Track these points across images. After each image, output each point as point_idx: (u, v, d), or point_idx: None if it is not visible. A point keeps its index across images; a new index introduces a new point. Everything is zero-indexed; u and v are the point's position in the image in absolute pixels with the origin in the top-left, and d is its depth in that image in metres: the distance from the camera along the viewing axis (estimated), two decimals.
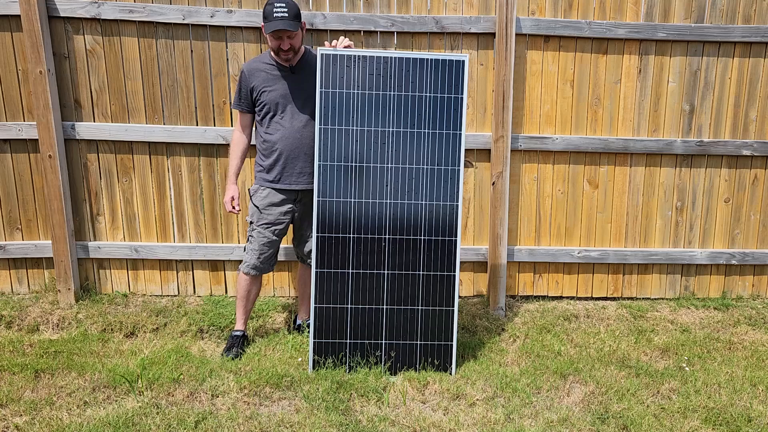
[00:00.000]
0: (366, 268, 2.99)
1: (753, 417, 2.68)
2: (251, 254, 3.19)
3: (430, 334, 3.03)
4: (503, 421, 2.62)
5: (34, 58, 3.45)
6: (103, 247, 3.79)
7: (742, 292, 4.06)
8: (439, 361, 3.04)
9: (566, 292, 4.01)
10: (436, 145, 2.97)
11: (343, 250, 2.98)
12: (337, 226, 2.97)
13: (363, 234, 2.98)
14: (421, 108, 2.95)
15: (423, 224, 2.99)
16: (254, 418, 2.60)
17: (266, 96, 3.07)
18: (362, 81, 2.93)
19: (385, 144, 2.95)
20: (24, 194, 3.75)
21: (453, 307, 3.04)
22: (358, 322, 3.01)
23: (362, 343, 3.01)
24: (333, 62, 2.91)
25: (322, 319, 2.99)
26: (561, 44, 3.70)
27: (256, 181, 3.21)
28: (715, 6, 3.68)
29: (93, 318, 3.54)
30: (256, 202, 3.17)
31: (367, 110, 2.94)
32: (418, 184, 2.98)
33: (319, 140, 2.93)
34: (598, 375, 3.02)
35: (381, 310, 3.01)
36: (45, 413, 2.60)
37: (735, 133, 3.84)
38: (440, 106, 2.96)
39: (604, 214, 3.92)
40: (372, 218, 2.97)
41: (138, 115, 3.68)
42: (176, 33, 3.60)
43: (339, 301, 2.99)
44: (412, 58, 2.93)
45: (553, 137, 3.76)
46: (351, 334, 3.01)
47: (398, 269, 3.00)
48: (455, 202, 3.00)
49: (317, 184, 2.95)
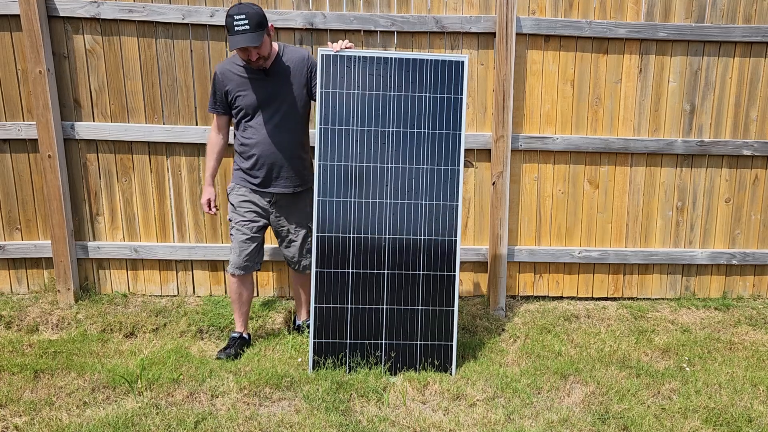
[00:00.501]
0: (366, 268, 2.99)
1: (754, 417, 2.68)
2: (233, 253, 3.19)
3: (430, 335, 3.03)
4: (503, 422, 2.62)
5: (33, 57, 3.45)
6: (103, 247, 3.78)
7: (742, 293, 4.05)
8: (439, 362, 3.04)
9: (567, 293, 4.00)
10: (436, 146, 2.97)
11: (343, 250, 2.98)
12: (337, 226, 2.96)
13: (363, 234, 2.97)
14: (421, 108, 2.95)
15: (423, 224, 2.99)
16: (254, 418, 2.60)
17: (241, 100, 3.03)
18: (362, 81, 2.92)
19: (385, 144, 2.95)
20: (23, 194, 3.74)
21: (453, 307, 3.03)
22: (358, 322, 3.00)
23: (362, 343, 3.01)
24: (333, 63, 2.91)
25: (322, 319, 2.99)
26: (561, 44, 3.69)
27: (233, 179, 3.21)
28: (715, 6, 3.67)
29: (92, 318, 3.54)
30: (233, 200, 3.18)
31: (367, 111, 2.94)
32: (418, 184, 2.98)
33: (319, 140, 2.93)
34: (599, 375, 3.02)
35: (381, 310, 3.01)
36: (44, 413, 2.59)
37: (736, 133, 3.83)
38: (440, 106, 2.96)
39: (604, 214, 3.91)
40: (372, 218, 2.97)
41: (137, 114, 3.68)
42: (176, 33, 3.59)
43: (339, 301, 2.99)
44: (412, 59, 2.93)
45: (553, 137, 3.76)
46: (351, 334, 3.01)
47: (398, 269, 3.00)
48: (455, 202, 3.00)
49: (317, 183, 2.95)
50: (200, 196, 3.78)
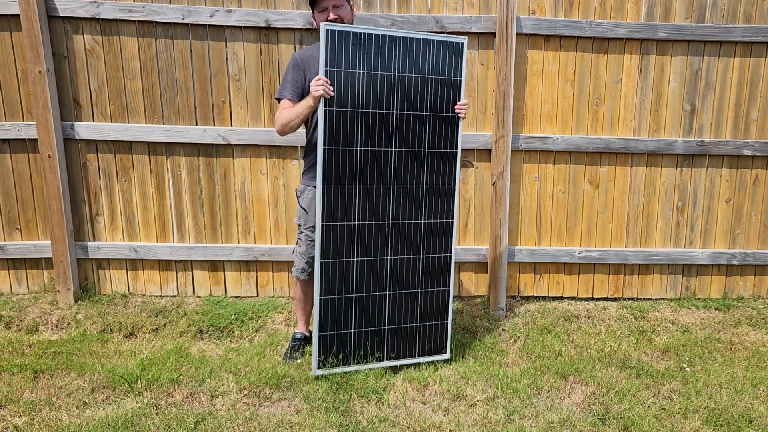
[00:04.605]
0: (370, 256, 2.97)
1: (754, 418, 2.68)
2: (300, 258, 3.11)
3: (429, 315, 3.10)
4: (504, 422, 2.61)
5: (33, 57, 3.45)
6: (103, 248, 3.78)
7: (743, 293, 4.05)
8: (435, 344, 3.12)
9: (567, 293, 4.00)
10: (436, 131, 2.96)
11: (348, 238, 2.91)
12: (342, 213, 2.88)
13: (368, 221, 2.95)
14: (423, 90, 2.92)
15: (424, 206, 3.00)
16: (254, 418, 2.59)
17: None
18: (367, 60, 2.83)
19: (390, 127, 2.90)
20: (23, 194, 3.74)
21: (449, 287, 3.10)
22: (362, 310, 2.99)
23: (366, 332, 3.01)
24: (339, 39, 2.77)
25: (327, 311, 2.92)
26: (562, 44, 3.69)
27: (303, 182, 3.08)
28: (716, 6, 3.67)
29: (92, 318, 3.53)
30: (304, 204, 3.06)
31: (372, 91, 2.85)
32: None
33: (323, 124, 2.78)
34: (599, 375, 3.01)
35: (384, 296, 3.02)
36: (44, 414, 2.59)
37: (736, 133, 3.83)
38: (441, 88, 2.94)
39: (604, 214, 3.91)
40: (377, 204, 2.94)
41: (137, 114, 3.68)
42: (176, 33, 3.59)
43: (344, 290, 2.96)
44: (416, 38, 2.87)
45: (553, 137, 3.75)
46: (355, 323, 2.99)
47: (400, 254, 3.01)
48: (452, 185, 3.03)
49: (321, 170, 2.81)
50: (200, 196, 3.79)
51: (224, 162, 3.74)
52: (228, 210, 3.81)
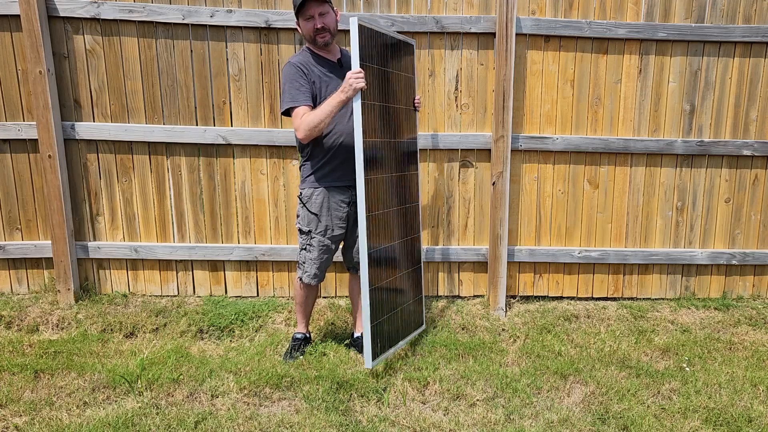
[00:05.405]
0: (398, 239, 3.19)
1: (753, 417, 2.68)
2: (311, 264, 3.06)
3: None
4: (503, 422, 2.62)
5: (33, 58, 3.45)
6: (103, 248, 3.78)
7: (742, 293, 4.05)
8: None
9: (566, 293, 4.01)
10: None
11: (387, 223, 3.04)
12: (381, 201, 2.99)
13: (397, 206, 3.18)
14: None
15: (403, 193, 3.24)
16: (254, 418, 2.60)
17: (325, 92, 2.90)
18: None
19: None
20: (24, 194, 3.74)
21: (420, 264, 3.44)
22: (389, 294, 3.10)
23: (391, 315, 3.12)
24: (369, 36, 2.78)
25: (374, 301, 2.89)
26: (561, 44, 3.69)
27: (308, 185, 3.00)
28: (715, 6, 3.68)
29: (93, 318, 3.54)
30: (314, 209, 2.99)
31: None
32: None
33: (361, 116, 2.75)
34: (599, 375, 3.02)
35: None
36: (44, 413, 2.60)
37: (735, 133, 3.84)
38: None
39: (604, 214, 3.91)
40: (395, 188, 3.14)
41: (138, 115, 3.68)
42: (176, 33, 3.59)
43: (385, 279, 3.06)
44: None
45: (553, 137, 3.76)
46: (387, 308, 3.07)
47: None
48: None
49: (361, 162, 2.77)
50: (200, 196, 3.79)
51: (224, 162, 3.75)
52: (228, 210, 3.81)
